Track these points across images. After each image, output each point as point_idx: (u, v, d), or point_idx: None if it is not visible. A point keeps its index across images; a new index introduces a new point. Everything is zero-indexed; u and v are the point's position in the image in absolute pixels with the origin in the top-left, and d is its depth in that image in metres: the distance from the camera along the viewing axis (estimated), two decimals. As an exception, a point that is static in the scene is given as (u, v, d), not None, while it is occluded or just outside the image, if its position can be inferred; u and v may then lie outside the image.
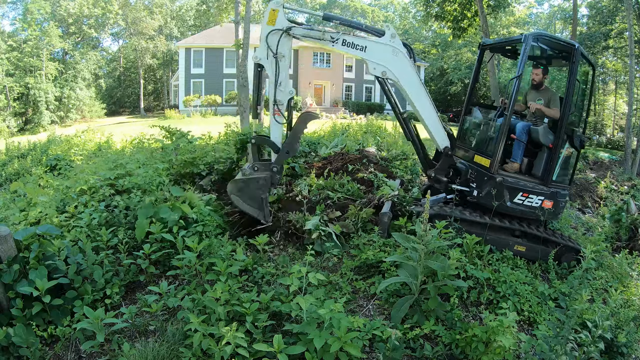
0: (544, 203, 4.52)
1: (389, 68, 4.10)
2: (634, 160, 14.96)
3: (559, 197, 4.60)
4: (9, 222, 4.47)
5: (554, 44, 4.64)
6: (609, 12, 27.79)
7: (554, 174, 4.59)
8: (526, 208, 4.53)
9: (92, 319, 2.86)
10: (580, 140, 4.67)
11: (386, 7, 67.11)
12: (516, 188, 4.49)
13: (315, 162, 7.63)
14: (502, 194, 4.43)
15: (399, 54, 4.07)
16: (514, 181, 4.54)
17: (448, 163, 4.67)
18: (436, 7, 19.79)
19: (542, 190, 4.54)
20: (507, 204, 4.48)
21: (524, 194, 4.49)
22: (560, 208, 4.67)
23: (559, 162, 4.59)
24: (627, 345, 3.04)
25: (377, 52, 4.05)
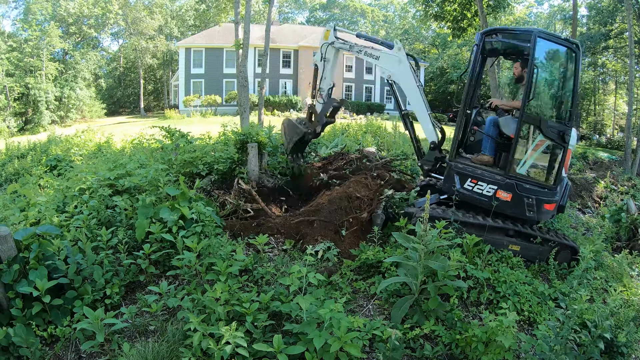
0: (498, 193, 4.41)
1: (393, 72, 5.17)
2: (634, 160, 14.96)
3: (520, 189, 4.36)
4: (8, 222, 4.47)
5: (511, 35, 4.64)
6: (609, 12, 27.79)
7: (522, 167, 4.43)
8: (477, 195, 4.49)
9: (92, 319, 2.86)
10: (557, 132, 4.30)
11: (386, 7, 67.09)
12: (465, 174, 4.54)
13: (315, 162, 7.63)
14: (452, 178, 4.59)
15: (402, 64, 5.08)
16: (463, 167, 4.60)
17: (433, 155, 5.20)
18: (436, 7, 19.77)
19: (495, 178, 4.43)
20: (456, 188, 4.56)
21: (472, 180, 4.51)
22: (527, 204, 4.37)
23: (527, 154, 4.41)
24: (627, 345, 3.04)
25: (386, 60, 5.25)
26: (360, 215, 4.86)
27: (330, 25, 6.12)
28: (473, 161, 4.76)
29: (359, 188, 5.45)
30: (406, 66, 5.04)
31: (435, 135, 5.12)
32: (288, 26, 42.46)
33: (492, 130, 4.77)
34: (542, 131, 4.31)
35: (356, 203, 5.14)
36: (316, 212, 4.96)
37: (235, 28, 15.29)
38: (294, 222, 4.89)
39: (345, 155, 7.73)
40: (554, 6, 48.54)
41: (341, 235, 4.67)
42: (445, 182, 4.73)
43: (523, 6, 44.36)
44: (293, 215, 5.12)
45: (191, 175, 6.01)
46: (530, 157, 4.42)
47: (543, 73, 4.53)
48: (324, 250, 4.25)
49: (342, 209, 5.03)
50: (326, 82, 5.87)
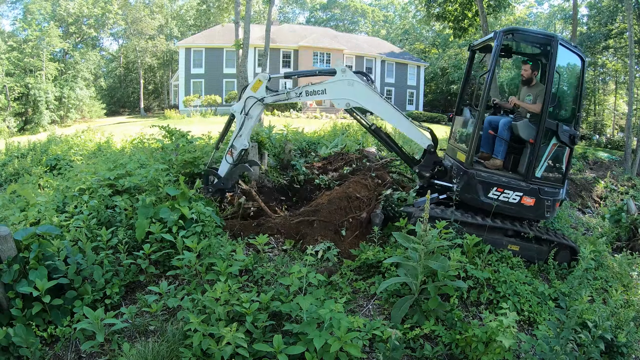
0: (523, 199, 4.40)
1: (350, 98, 4.61)
2: (634, 160, 14.95)
3: (542, 194, 4.42)
4: (8, 222, 4.47)
5: (531, 37, 4.60)
6: (609, 12, 27.78)
7: (539, 170, 4.45)
8: (503, 204, 4.42)
9: (92, 319, 2.86)
10: (569, 135, 4.45)
11: (386, 7, 67.10)
12: (489, 182, 4.42)
13: (315, 162, 7.64)
14: (475, 188, 4.43)
15: (355, 84, 4.56)
16: (487, 175, 4.46)
17: (431, 160, 4.90)
18: (437, 7, 19.78)
19: (520, 185, 4.42)
20: (481, 198, 4.43)
21: (498, 189, 4.41)
22: (547, 206, 4.46)
23: (543, 158, 4.45)
24: (627, 345, 3.04)
25: (335, 89, 4.61)
26: (359, 216, 4.87)
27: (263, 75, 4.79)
28: (487, 166, 4.68)
29: (358, 188, 5.45)
30: (360, 85, 4.58)
31: (426, 139, 4.88)
32: (288, 26, 42.47)
33: (506, 134, 4.68)
34: (558, 136, 4.39)
35: (355, 203, 5.14)
36: (316, 212, 4.96)
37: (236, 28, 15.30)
38: (293, 222, 4.89)
39: (345, 155, 7.73)
40: (554, 6, 48.54)
41: (341, 235, 4.66)
42: (465, 191, 4.50)
43: (523, 6, 44.38)
44: (293, 215, 5.12)
45: (191, 175, 6.00)
46: (545, 161, 4.47)
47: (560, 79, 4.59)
48: (324, 250, 4.25)
49: (341, 209, 5.03)
50: (241, 141, 4.85)
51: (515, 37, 4.48)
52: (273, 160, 7.13)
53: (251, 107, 4.74)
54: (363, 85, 4.58)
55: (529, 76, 4.98)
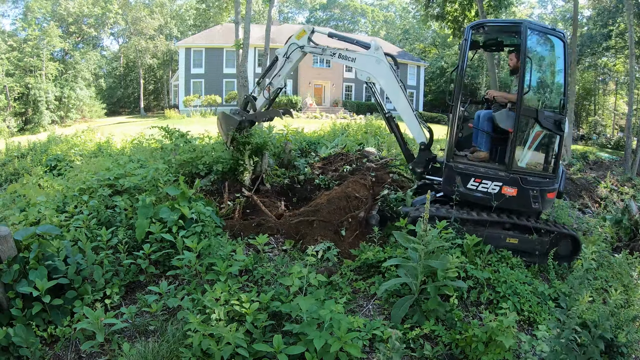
0: (503, 189, 4.31)
1: (372, 74, 4.93)
2: (634, 160, 14.94)
3: (525, 183, 4.29)
4: (8, 222, 4.47)
5: (500, 27, 4.65)
6: (610, 13, 27.80)
7: (522, 160, 4.35)
8: (483, 194, 4.35)
9: (92, 319, 2.86)
10: (554, 121, 4.29)
11: (387, 7, 67.10)
12: (467, 173, 4.39)
13: (315, 162, 7.64)
14: (454, 179, 4.43)
15: (382, 63, 4.86)
16: (464, 167, 4.43)
17: (425, 157, 4.98)
18: (437, 8, 19.79)
19: (499, 175, 4.33)
20: (460, 189, 4.40)
21: (476, 180, 4.36)
22: (532, 196, 4.31)
23: (526, 146, 4.34)
24: (627, 345, 3.04)
25: (363, 61, 4.97)
26: (357, 215, 4.85)
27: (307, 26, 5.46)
28: (470, 159, 4.67)
29: (357, 188, 5.45)
30: (386, 66, 4.84)
31: (423, 136, 4.96)
32: (288, 26, 42.44)
33: (487, 125, 4.67)
34: (540, 122, 4.25)
35: (354, 203, 5.14)
36: (315, 212, 4.96)
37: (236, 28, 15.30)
38: (293, 222, 4.89)
39: (345, 155, 7.73)
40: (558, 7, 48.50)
41: (341, 235, 4.66)
42: (445, 183, 4.54)
43: (524, 6, 44.38)
44: (293, 215, 5.12)
45: (191, 175, 6.01)
46: (529, 149, 4.36)
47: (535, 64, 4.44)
48: (324, 250, 4.25)
49: (341, 209, 5.03)
50: (278, 80, 5.57)
51: (486, 30, 4.49)
52: (273, 160, 7.13)
53: (293, 52, 5.33)
54: (387, 67, 4.84)
55: (514, 65, 4.85)
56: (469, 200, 4.46)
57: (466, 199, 4.42)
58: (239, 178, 6.14)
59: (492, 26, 4.53)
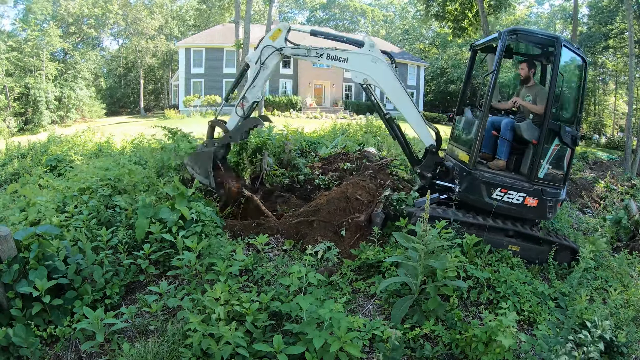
0: (526, 200, 4.40)
1: (369, 75, 4.49)
2: (634, 160, 14.94)
3: (545, 194, 4.42)
4: (8, 222, 4.47)
5: (535, 38, 4.58)
6: (609, 12, 27.79)
7: (541, 171, 4.44)
8: (506, 204, 4.41)
9: (92, 319, 2.86)
10: (571, 137, 4.43)
11: (386, 7, 67.09)
12: (493, 183, 4.41)
13: (316, 162, 7.63)
14: (479, 189, 4.42)
15: (379, 62, 4.42)
16: (490, 176, 4.44)
17: (433, 160, 4.82)
18: (437, 7, 19.79)
19: (524, 186, 4.41)
20: (484, 199, 4.41)
21: (502, 190, 4.40)
22: (549, 207, 4.46)
23: (546, 159, 4.44)
24: (627, 345, 3.04)
25: (357, 61, 4.47)
26: (357, 218, 4.84)
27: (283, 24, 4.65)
28: (490, 167, 4.67)
29: (357, 189, 5.44)
30: (384, 64, 4.44)
31: (432, 138, 4.80)
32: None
33: (509, 134, 4.66)
34: (560, 137, 4.37)
35: (355, 204, 5.13)
36: (315, 213, 4.96)
37: (236, 28, 15.30)
38: (293, 222, 4.89)
39: (345, 155, 7.73)
40: (555, 6, 48.52)
41: (341, 235, 4.66)
42: (468, 192, 4.51)
43: (524, 6, 44.38)
44: (293, 216, 5.12)
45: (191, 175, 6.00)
46: (547, 162, 4.46)
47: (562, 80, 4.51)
48: (324, 250, 4.25)
49: (341, 209, 5.03)
50: (254, 91, 4.74)
51: (519, 38, 4.43)
52: (273, 160, 7.13)
53: (268, 57, 4.59)
54: (386, 66, 4.47)
55: (526, 75, 4.96)
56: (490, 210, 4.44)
57: (489, 209, 4.42)
58: (239, 178, 6.14)
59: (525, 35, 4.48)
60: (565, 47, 4.33)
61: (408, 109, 4.62)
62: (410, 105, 4.63)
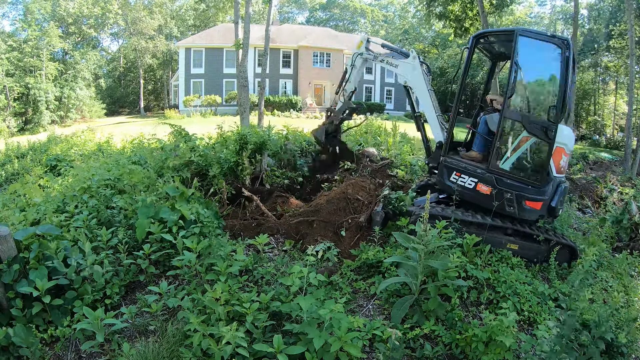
0: (478, 186, 4.50)
1: (408, 79, 5.80)
2: (634, 160, 14.92)
3: (500, 184, 4.37)
4: (8, 222, 4.47)
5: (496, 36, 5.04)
6: (610, 12, 27.79)
7: (504, 162, 4.42)
8: (461, 188, 4.62)
9: (92, 319, 2.86)
10: (542, 128, 4.22)
11: (386, 7, 67.07)
12: (451, 167, 4.77)
13: (315, 162, 7.63)
14: (442, 172, 4.84)
15: (416, 70, 5.70)
16: (451, 161, 4.82)
17: (439, 154, 5.23)
18: (439, 7, 19.75)
19: (476, 172, 4.54)
20: (444, 182, 4.79)
21: (457, 173, 4.70)
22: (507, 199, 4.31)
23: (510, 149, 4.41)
24: (627, 346, 3.04)
25: (403, 68, 5.86)
26: (357, 219, 4.84)
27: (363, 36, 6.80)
28: (462, 157, 4.97)
29: (357, 189, 5.44)
30: (419, 73, 5.64)
31: (442, 136, 5.40)
32: (288, 26, 42.48)
33: (483, 128, 5.00)
34: (525, 127, 4.34)
35: (355, 205, 5.13)
36: (315, 213, 4.96)
37: (235, 28, 15.25)
38: (293, 222, 4.89)
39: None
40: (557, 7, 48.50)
41: (341, 235, 4.66)
42: (438, 176, 4.96)
43: (524, 6, 44.36)
44: (293, 216, 5.12)
45: (198, 175, 5.99)
46: (514, 153, 4.41)
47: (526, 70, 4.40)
48: (324, 250, 4.25)
49: (340, 209, 5.03)
50: (350, 85, 6.65)
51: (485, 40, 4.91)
52: (273, 160, 7.13)
53: (355, 60, 6.52)
54: (420, 74, 5.65)
55: None
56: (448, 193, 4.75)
57: (446, 191, 4.80)
58: (239, 178, 6.14)
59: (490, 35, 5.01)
60: (525, 37, 4.29)
61: (428, 109, 5.57)
62: (430, 107, 5.54)
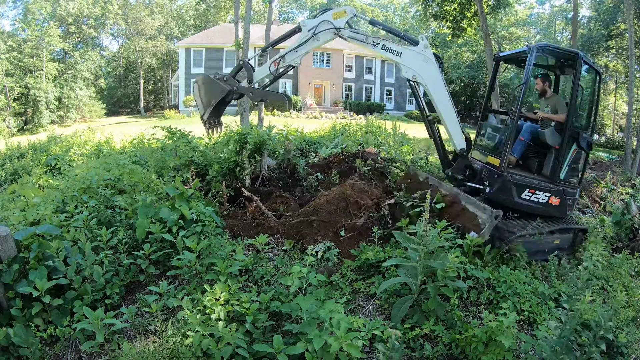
0: (550, 199, 4.79)
1: (419, 73, 4.60)
2: (634, 160, 14.92)
3: (566, 194, 4.85)
4: (8, 222, 4.47)
5: (559, 54, 5.09)
6: (610, 12, 27.79)
7: (562, 173, 4.86)
8: (533, 204, 4.77)
9: (92, 319, 2.86)
10: (587, 142, 4.93)
11: (386, 7, 67.08)
12: (523, 185, 4.75)
13: (315, 162, 7.63)
14: (510, 190, 4.73)
15: (429, 62, 4.55)
16: (520, 178, 4.78)
17: (463, 163, 5.07)
18: (435, 7, 19.76)
19: (549, 187, 4.79)
20: (514, 199, 4.72)
21: (530, 190, 4.75)
22: (567, 205, 4.91)
23: (566, 162, 4.86)
24: (627, 346, 3.04)
25: (410, 58, 4.58)
26: (355, 223, 4.82)
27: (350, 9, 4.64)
28: None
29: (357, 189, 5.43)
30: (434, 66, 4.56)
31: (464, 142, 4.98)
32: (288, 26, 42.42)
33: (527, 136, 5.11)
34: (579, 143, 4.87)
35: (355, 207, 5.12)
36: (315, 213, 4.96)
37: (235, 28, 15.26)
38: (293, 222, 4.89)
39: (345, 155, 7.73)
40: (555, 6, 48.49)
41: (340, 235, 4.66)
42: (499, 193, 4.74)
43: (523, 7, 44.35)
44: (293, 216, 5.12)
45: (198, 175, 6.00)
46: (567, 165, 4.90)
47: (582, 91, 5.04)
48: (324, 250, 4.25)
49: (340, 209, 5.03)
50: (295, 56, 4.73)
51: (544, 53, 4.93)
52: (273, 160, 7.13)
53: (323, 31, 4.61)
54: (436, 68, 4.58)
55: (542, 89, 5.42)
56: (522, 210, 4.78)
57: (519, 208, 4.76)
58: (239, 178, 6.14)
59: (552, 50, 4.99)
60: (585, 62, 4.75)
61: (448, 111, 4.76)
62: (451, 108, 4.76)
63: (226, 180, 5.95)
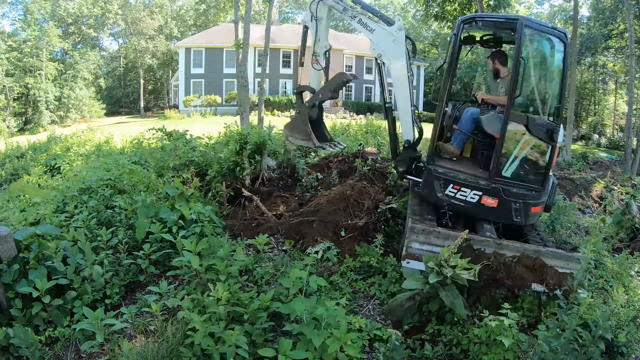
0: (483, 199, 3.97)
1: (384, 52, 4.41)
2: (634, 160, 14.94)
3: (507, 195, 3.93)
4: (8, 222, 4.47)
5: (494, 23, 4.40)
6: (610, 12, 27.78)
7: (507, 169, 3.97)
8: (459, 202, 4.03)
9: (91, 319, 2.86)
10: (546, 130, 3.93)
11: (386, 7, 67.03)
12: (447, 179, 4.08)
13: (315, 162, 7.63)
14: (432, 184, 4.15)
15: (398, 44, 4.33)
16: (444, 172, 4.14)
17: (408, 155, 4.57)
18: (436, 7, 19.80)
19: (480, 184, 3.99)
20: (437, 194, 4.10)
21: (455, 187, 4.03)
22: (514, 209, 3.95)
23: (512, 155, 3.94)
24: (627, 345, 3.04)
25: (381, 36, 4.44)
26: (356, 224, 4.82)
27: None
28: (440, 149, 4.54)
29: (356, 189, 5.43)
30: (401, 48, 4.30)
31: (412, 134, 4.54)
32: (288, 26, 42.43)
33: (469, 125, 4.49)
34: (530, 130, 3.91)
35: (355, 207, 5.12)
36: (315, 213, 4.96)
37: (235, 28, 15.27)
38: (293, 222, 4.89)
39: (345, 155, 7.72)
40: (555, 6, 48.53)
41: (340, 235, 4.66)
42: (424, 187, 4.26)
43: (524, 7, 44.36)
44: (293, 216, 5.12)
45: (199, 175, 6.00)
46: (516, 159, 3.96)
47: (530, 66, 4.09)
48: (324, 250, 4.25)
49: (340, 209, 5.03)
50: (321, 44, 4.86)
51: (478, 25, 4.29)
52: (273, 160, 7.13)
53: (317, 9, 4.77)
54: (402, 51, 4.32)
55: (494, 68, 4.82)
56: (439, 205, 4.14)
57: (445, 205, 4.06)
58: (239, 178, 6.14)
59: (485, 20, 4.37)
60: (530, 28, 3.85)
61: (404, 99, 4.43)
62: (407, 97, 4.40)
63: (226, 181, 5.95)
